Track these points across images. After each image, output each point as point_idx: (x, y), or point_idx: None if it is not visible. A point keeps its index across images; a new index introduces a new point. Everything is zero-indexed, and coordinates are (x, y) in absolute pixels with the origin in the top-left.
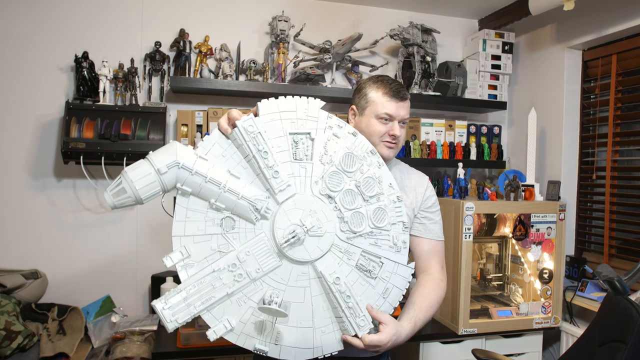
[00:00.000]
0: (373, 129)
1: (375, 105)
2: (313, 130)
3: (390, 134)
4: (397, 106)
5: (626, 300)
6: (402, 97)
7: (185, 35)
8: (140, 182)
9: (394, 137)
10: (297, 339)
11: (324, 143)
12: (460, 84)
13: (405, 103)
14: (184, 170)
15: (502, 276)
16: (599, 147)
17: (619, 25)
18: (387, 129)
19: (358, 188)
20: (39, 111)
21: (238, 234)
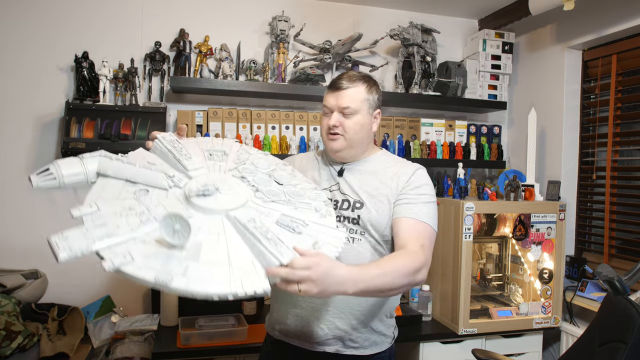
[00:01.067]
0: (322, 123)
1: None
2: (228, 148)
3: (328, 124)
4: (332, 96)
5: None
6: (339, 86)
7: (185, 35)
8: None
9: (329, 126)
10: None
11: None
12: (460, 84)
13: (343, 92)
14: (106, 158)
15: (502, 276)
16: (599, 147)
17: (619, 25)
18: (327, 121)
19: (271, 176)
20: (39, 111)
21: (151, 198)
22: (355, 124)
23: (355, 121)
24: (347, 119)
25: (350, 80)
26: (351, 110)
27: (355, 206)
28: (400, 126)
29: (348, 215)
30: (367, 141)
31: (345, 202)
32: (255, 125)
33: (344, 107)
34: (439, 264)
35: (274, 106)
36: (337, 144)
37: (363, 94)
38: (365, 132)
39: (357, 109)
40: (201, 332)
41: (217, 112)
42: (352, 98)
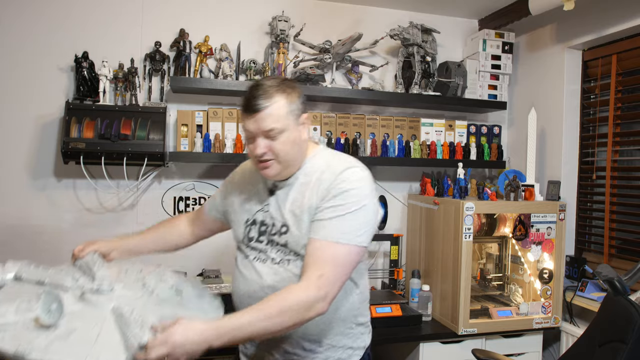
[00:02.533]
0: (247, 150)
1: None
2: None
3: (254, 153)
4: (251, 120)
5: (626, 300)
6: (252, 108)
7: (185, 35)
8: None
9: (257, 155)
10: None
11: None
12: (460, 84)
13: (262, 114)
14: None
15: (502, 276)
16: (599, 147)
17: (619, 25)
18: (253, 148)
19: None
20: (39, 111)
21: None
22: (285, 144)
23: (285, 140)
24: (275, 140)
25: (267, 97)
26: (277, 131)
27: (281, 231)
28: (400, 126)
29: (277, 240)
30: (302, 154)
31: (273, 227)
32: None
33: (268, 130)
34: (439, 264)
35: None
36: (271, 171)
37: (285, 107)
38: (298, 146)
39: (284, 127)
40: None
41: (217, 112)
42: (274, 117)
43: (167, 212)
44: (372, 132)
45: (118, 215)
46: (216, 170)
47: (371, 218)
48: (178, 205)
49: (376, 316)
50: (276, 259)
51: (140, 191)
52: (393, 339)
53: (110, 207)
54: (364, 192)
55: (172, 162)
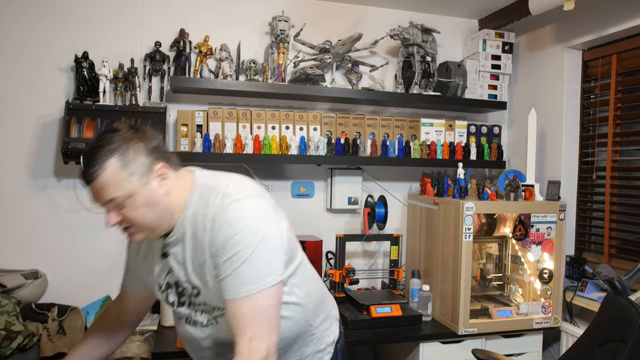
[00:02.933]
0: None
1: None
2: None
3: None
4: (92, 192)
5: (626, 300)
6: (88, 178)
7: (185, 35)
8: None
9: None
10: None
11: None
12: (460, 84)
13: (95, 185)
14: None
15: (502, 276)
16: (599, 147)
17: (619, 25)
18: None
19: None
20: (39, 111)
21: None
22: (137, 210)
23: (135, 206)
24: (124, 208)
25: (98, 163)
26: (121, 199)
27: (194, 293)
28: (400, 126)
29: (195, 301)
30: (169, 209)
31: (185, 289)
32: (255, 125)
33: (108, 201)
34: (439, 264)
35: (274, 106)
36: (136, 237)
37: (120, 171)
38: (156, 206)
39: (127, 193)
40: None
41: (217, 112)
42: (111, 186)
43: None
44: (372, 132)
45: None
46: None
47: (275, 247)
48: None
49: (376, 316)
50: (204, 321)
51: None
52: (393, 339)
53: None
54: (254, 227)
55: None
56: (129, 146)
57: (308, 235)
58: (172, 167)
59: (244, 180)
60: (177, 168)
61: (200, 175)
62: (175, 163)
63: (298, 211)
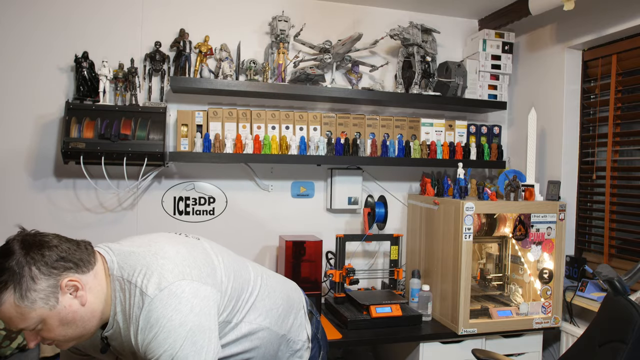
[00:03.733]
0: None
1: None
2: None
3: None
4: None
5: (626, 300)
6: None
7: (185, 35)
8: None
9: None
10: None
11: None
12: (460, 84)
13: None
14: None
15: (502, 276)
16: (599, 147)
17: (619, 25)
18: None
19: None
20: (39, 111)
21: None
22: (54, 330)
23: (52, 328)
24: (40, 331)
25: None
26: (31, 327)
27: None
28: (400, 126)
29: None
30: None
31: None
32: (255, 125)
33: (20, 330)
34: (439, 264)
35: (274, 106)
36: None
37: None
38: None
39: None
40: None
41: (217, 112)
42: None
43: (167, 212)
44: (372, 132)
45: (118, 216)
46: (216, 170)
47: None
48: (178, 205)
49: (376, 316)
50: None
51: (140, 191)
52: (393, 339)
53: (110, 207)
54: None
55: (172, 162)
56: (23, 275)
57: (308, 235)
58: (83, 271)
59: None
60: (89, 266)
61: (113, 261)
62: (86, 261)
63: (298, 211)
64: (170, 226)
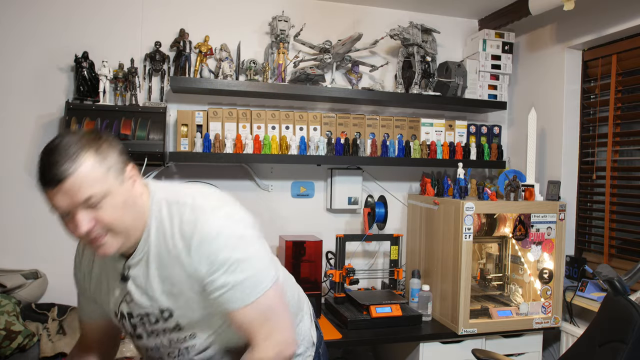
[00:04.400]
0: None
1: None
2: None
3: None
4: (58, 195)
5: (626, 300)
6: (54, 179)
7: (185, 35)
8: None
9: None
10: None
11: None
12: (460, 84)
13: (65, 185)
14: None
15: (502, 276)
16: (599, 147)
17: (619, 25)
18: (73, 227)
19: None
20: (39, 111)
21: None
22: (114, 211)
23: (113, 206)
24: (99, 209)
25: (70, 159)
26: (98, 198)
27: (164, 317)
28: (400, 126)
29: (165, 326)
30: (141, 214)
31: (148, 317)
32: (255, 125)
33: (84, 201)
34: (439, 264)
35: (274, 106)
36: (109, 249)
37: (98, 165)
38: (132, 208)
39: (105, 191)
40: None
41: (217, 112)
42: (88, 182)
43: None
44: (372, 132)
45: None
46: (216, 170)
47: (262, 247)
48: None
49: (376, 316)
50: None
51: None
52: (393, 339)
53: None
54: (237, 235)
55: (172, 162)
56: (102, 140)
57: (308, 235)
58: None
59: (204, 189)
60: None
61: (157, 189)
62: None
63: (298, 211)
64: None
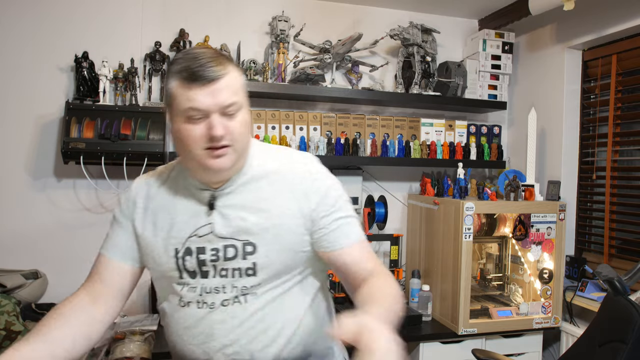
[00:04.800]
0: (186, 134)
1: (177, 100)
2: None
3: (210, 136)
4: (204, 92)
5: (626, 300)
6: (207, 77)
7: (185, 35)
8: None
9: (214, 138)
10: None
11: None
12: (460, 84)
13: (216, 85)
14: None
15: (502, 276)
16: (599, 147)
17: (619, 25)
18: (204, 129)
19: None
20: (39, 111)
21: None
22: (242, 125)
23: (242, 120)
24: (232, 120)
25: (221, 64)
26: (237, 107)
27: (245, 251)
28: (400, 126)
29: (239, 266)
30: (249, 140)
31: (229, 249)
32: (255, 126)
33: (228, 105)
34: (439, 264)
35: (274, 106)
36: (227, 162)
37: (239, 78)
38: (249, 131)
39: (241, 103)
40: None
41: None
42: (232, 89)
43: None
44: (372, 132)
45: None
46: None
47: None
48: None
49: None
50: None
51: None
52: None
53: (110, 207)
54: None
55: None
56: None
57: None
58: None
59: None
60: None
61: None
62: None
63: None
64: None
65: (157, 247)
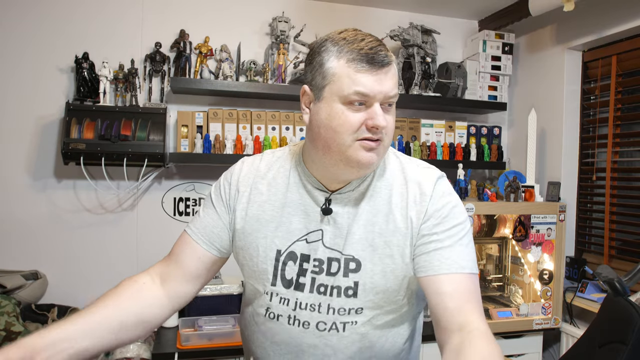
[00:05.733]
0: (340, 120)
1: (339, 81)
2: None
3: (370, 126)
4: (375, 79)
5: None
6: (382, 61)
7: (185, 36)
8: None
9: (376, 129)
10: None
11: None
12: (460, 85)
13: (385, 72)
14: None
15: (502, 277)
16: (599, 148)
17: (619, 26)
18: (363, 118)
19: None
20: (39, 112)
21: None
22: (393, 121)
23: (393, 117)
24: (389, 113)
25: (387, 50)
26: (396, 99)
27: (349, 268)
28: (400, 127)
29: (338, 284)
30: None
31: (333, 263)
32: (255, 126)
33: (392, 96)
34: None
35: (274, 107)
36: (378, 156)
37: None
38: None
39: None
40: (201, 332)
41: (217, 112)
42: (395, 81)
43: (167, 213)
44: None
45: (118, 216)
46: (217, 171)
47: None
48: (178, 206)
49: None
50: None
51: (140, 192)
52: None
53: (110, 208)
54: (464, 210)
55: (172, 163)
56: None
57: None
58: None
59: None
60: None
61: None
62: None
63: None
64: (170, 227)
65: (256, 245)
